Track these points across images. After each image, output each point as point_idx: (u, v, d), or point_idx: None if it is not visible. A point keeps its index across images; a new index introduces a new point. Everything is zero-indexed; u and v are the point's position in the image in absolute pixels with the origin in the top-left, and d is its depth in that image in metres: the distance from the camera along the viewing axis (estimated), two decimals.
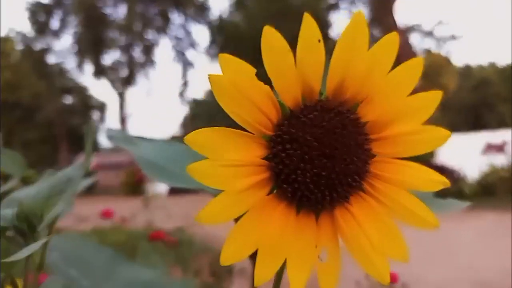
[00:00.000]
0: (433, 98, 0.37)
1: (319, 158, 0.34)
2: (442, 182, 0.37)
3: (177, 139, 0.49)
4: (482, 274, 4.80)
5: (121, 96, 25.23)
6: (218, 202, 0.33)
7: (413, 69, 0.36)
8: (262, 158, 0.35)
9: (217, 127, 0.33)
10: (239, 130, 0.34)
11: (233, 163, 0.33)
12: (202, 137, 0.33)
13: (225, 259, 0.33)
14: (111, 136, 0.57)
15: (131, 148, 0.54)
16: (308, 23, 0.34)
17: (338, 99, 0.36)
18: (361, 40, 0.35)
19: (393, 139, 0.37)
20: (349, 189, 0.36)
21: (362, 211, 0.37)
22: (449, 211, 0.51)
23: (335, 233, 0.37)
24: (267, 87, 0.34)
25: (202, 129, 0.33)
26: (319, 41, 0.34)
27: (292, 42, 0.34)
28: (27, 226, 0.55)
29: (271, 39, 0.33)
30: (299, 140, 0.34)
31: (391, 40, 0.35)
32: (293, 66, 0.34)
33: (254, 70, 0.33)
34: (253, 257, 0.47)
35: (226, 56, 0.33)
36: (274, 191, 0.36)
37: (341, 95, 0.36)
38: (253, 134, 0.35)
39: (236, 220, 0.34)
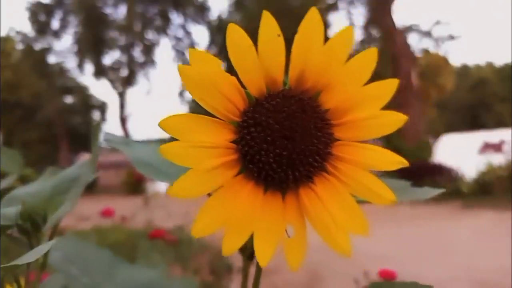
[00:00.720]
0: (389, 85, 0.40)
1: (280, 140, 0.38)
2: (399, 162, 0.40)
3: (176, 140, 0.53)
4: (480, 273, 4.79)
5: (121, 96, 25.19)
6: (188, 178, 0.36)
7: (367, 59, 0.39)
8: (232, 142, 0.39)
9: (188, 113, 0.37)
10: (209, 117, 0.38)
11: (202, 145, 0.37)
12: (174, 121, 0.36)
13: (196, 232, 0.36)
14: (108, 139, 0.59)
15: (126, 149, 0.56)
16: (267, 20, 0.37)
17: (300, 88, 0.40)
18: (317, 34, 0.38)
19: (354, 124, 0.41)
20: (311, 168, 0.39)
21: (325, 190, 0.40)
22: (424, 197, 0.54)
23: (301, 211, 0.40)
24: (233, 78, 0.38)
25: (175, 114, 0.36)
26: (279, 35, 0.38)
27: (292, 41, 0.39)
28: (30, 225, 0.56)
29: (235, 35, 0.37)
30: (262, 124, 0.38)
31: (346, 33, 0.39)
32: (256, 59, 0.38)
33: (221, 63, 0.37)
34: (243, 252, 0.50)
35: (195, 50, 0.37)
36: (243, 172, 0.39)
37: (303, 85, 0.40)
38: (223, 120, 0.39)
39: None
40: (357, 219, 0.39)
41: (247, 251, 0.51)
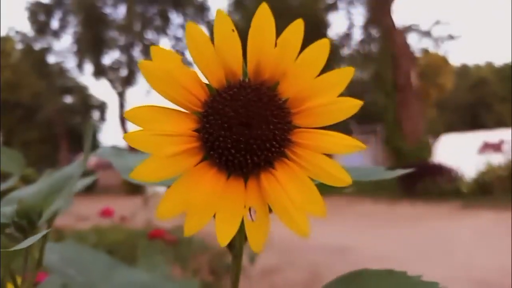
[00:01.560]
0: (344, 74, 0.42)
1: (237, 127, 0.40)
2: (356, 145, 0.41)
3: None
4: (480, 273, 4.81)
5: (121, 95, 25.19)
6: (149, 163, 0.39)
7: (320, 49, 0.41)
8: (195, 131, 0.41)
9: (153, 104, 0.40)
10: (172, 108, 0.41)
11: (164, 133, 0.40)
12: (138, 111, 0.39)
13: (160, 214, 0.39)
14: (100, 153, 0.62)
15: (115, 160, 0.59)
16: (221, 17, 0.40)
17: (258, 79, 0.43)
18: (268, 28, 0.41)
19: (311, 111, 0.43)
20: (269, 154, 0.41)
21: (285, 175, 0.42)
22: (387, 177, 0.57)
23: (262, 195, 0.42)
24: (193, 71, 0.41)
25: (140, 105, 0.39)
26: (233, 30, 0.40)
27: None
28: (26, 222, 0.57)
29: (194, 32, 0.41)
30: (219, 112, 0.41)
31: (296, 27, 0.41)
32: (213, 53, 0.41)
33: (180, 57, 0.40)
34: (230, 248, 0.52)
35: (156, 47, 0.40)
36: (207, 159, 0.42)
37: (260, 76, 0.42)
38: (185, 111, 0.41)
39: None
40: (315, 201, 0.41)
41: (235, 248, 0.52)
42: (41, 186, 0.67)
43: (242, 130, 0.40)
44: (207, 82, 0.42)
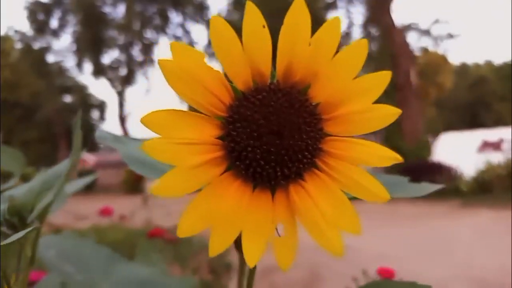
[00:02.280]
0: (381, 78, 0.38)
1: (267, 136, 0.36)
2: (393, 157, 0.38)
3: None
4: (479, 271, 4.79)
5: (121, 95, 25.19)
6: (172, 176, 0.35)
7: (358, 51, 0.38)
8: (217, 138, 0.37)
9: (171, 108, 0.35)
10: (193, 112, 0.36)
11: (185, 141, 0.35)
12: (156, 117, 0.35)
13: (182, 232, 0.35)
14: (100, 136, 0.57)
15: (119, 147, 0.55)
16: (252, 11, 0.36)
17: (288, 82, 0.38)
18: (303, 26, 0.37)
19: (344, 118, 0.39)
20: (300, 165, 0.38)
21: (316, 187, 0.38)
22: (423, 194, 0.52)
23: (291, 209, 0.38)
24: (217, 71, 0.36)
25: (157, 110, 0.35)
26: (264, 27, 0.36)
27: None
28: (18, 220, 0.56)
29: (219, 27, 0.36)
30: (248, 119, 0.36)
31: (334, 25, 0.37)
32: (241, 51, 0.36)
33: (203, 55, 0.35)
34: (239, 248, 0.51)
35: (176, 43, 0.35)
36: (231, 170, 0.38)
37: (291, 78, 0.38)
38: (207, 115, 0.37)
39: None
40: (348, 217, 0.38)
41: (241, 247, 0.50)
42: (33, 184, 0.65)
43: (273, 139, 0.36)
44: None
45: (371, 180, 0.38)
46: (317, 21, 0.36)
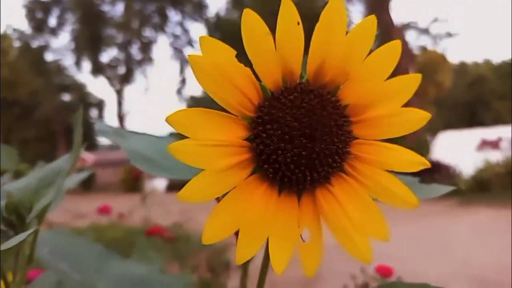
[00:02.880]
0: (411, 81, 0.38)
1: (299, 139, 0.35)
2: (421, 163, 0.37)
3: (175, 136, 0.46)
4: (478, 270, 4.80)
5: (119, 93, 25.19)
6: (199, 180, 0.33)
7: (391, 52, 0.37)
8: (244, 139, 0.36)
9: (198, 108, 0.34)
10: (220, 111, 0.35)
11: (214, 143, 0.34)
12: (183, 117, 0.33)
13: (207, 239, 0.34)
14: (100, 130, 0.56)
15: (120, 141, 0.53)
16: (287, 7, 0.34)
17: (318, 82, 0.37)
18: (339, 24, 0.36)
19: (373, 121, 0.38)
20: (330, 169, 0.37)
21: (343, 192, 0.37)
22: (435, 195, 0.52)
23: (317, 213, 0.37)
24: (247, 69, 0.35)
25: (183, 109, 0.33)
26: (298, 24, 0.35)
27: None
28: (16, 218, 0.55)
29: (252, 22, 0.34)
30: (279, 120, 0.35)
31: (369, 25, 0.36)
32: (273, 49, 0.35)
33: (234, 52, 0.34)
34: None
35: (207, 38, 0.34)
36: (257, 172, 0.36)
37: (321, 78, 0.37)
38: (235, 115, 0.35)
39: (218, 200, 0.35)
40: (377, 223, 0.37)
41: None
42: (29, 180, 0.63)
43: (304, 142, 0.35)
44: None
45: (400, 185, 0.37)
46: (316, 21, 0.36)
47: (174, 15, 25.15)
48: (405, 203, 0.37)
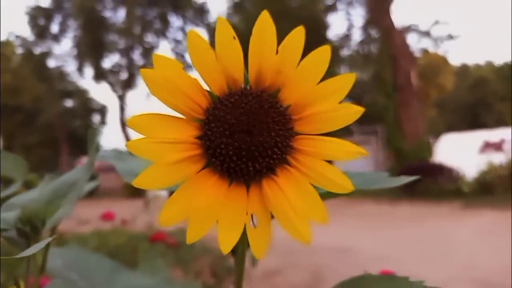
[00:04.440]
0: (345, 80, 0.42)
1: (239, 134, 0.40)
2: (358, 152, 0.42)
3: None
4: (481, 272, 4.81)
5: (122, 99, 25.21)
6: (152, 170, 0.39)
7: (321, 56, 0.41)
8: (196, 138, 0.41)
9: (154, 112, 0.40)
10: (174, 115, 0.41)
11: (166, 140, 0.40)
12: (140, 119, 0.40)
13: (162, 222, 0.40)
14: (102, 156, 0.61)
15: (117, 163, 0.60)
16: (222, 24, 0.40)
17: (260, 87, 0.43)
18: (269, 35, 0.41)
19: (312, 118, 0.43)
20: (271, 160, 0.41)
21: (287, 182, 0.42)
22: (397, 184, 0.56)
23: (264, 202, 0.42)
24: (195, 79, 0.41)
25: (142, 113, 0.40)
26: (234, 38, 0.40)
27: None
28: (30, 229, 0.57)
29: (194, 39, 0.40)
30: (221, 120, 0.41)
31: (298, 34, 0.41)
32: (214, 61, 0.41)
33: (182, 65, 0.40)
34: (233, 253, 0.52)
35: (158, 55, 0.40)
36: (208, 166, 0.42)
37: (262, 83, 0.43)
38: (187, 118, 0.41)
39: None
40: (317, 208, 0.41)
41: (237, 253, 0.53)
42: (43, 191, 0.66)
43: (244, 137, 0.40)
44: (208, 89, 0.42)
45: (337, 173, 0.42)
46: (317, 24, 0.38)
47: (175, 21, 25.24)
48: (341, 188, 0.41)
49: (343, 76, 0.42)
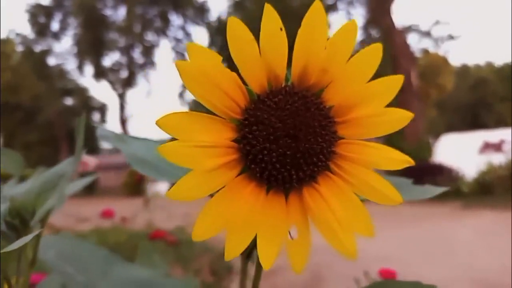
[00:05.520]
0: (393, 82, 0.39)
1: (283, 139, 0.36)
2: (405, 161, 0.39)
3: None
4: (481, 273, 4.80)
5: (121, 97, 25.22)
6: (188, 180, 0.35)
7: (372, 55, 0.38)
8: (232, 141, 0.37)
9: (187, 111, 0.36)
10: (208, 114, 0.37)
11: (202, 144, 0.35)
12: (172, 119, 0.35)
13: (197, 236, 0.35)
14: (102, 135, 0.57)
15: (121, 146, 0.55)
16: (270, 13, 0.36)
17: (303, 84, 0.39)
18: (320, 29, 0.37)
19: (357, 122, 0.39)
20: (315, 168, 0.38)
21: (329, 190, 0.38)
22: (427, 196, 0.52)
23: (304, 211, 0.38)
24: (234, 74, 0.36)
25: (173, 112, 0.35)
26: (281, 29, 0.36)
27: (292, 42, 0.37)
28: (19, 222, 0.55)
29: (236, 29, 0.36)
30: (264, 122, 0.37)
31: (350, 28, 0.38)
32: (257, 54, 0.37)
33: (220, 58, 0.35)
34: (244, 254, 0.49)
35: (193, 44, 0.35)
36: (245, 172, 0.38)
37: (306, 81, 0.39)
38: (223, 118, 0.37)
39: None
40: (362, 220, 0.38)
41: (245, 250, 0.50)
42: (32, 184, 0.64)
43: (289, 142, 0.36)
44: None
45: (384, 183, 0.38)
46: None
47: (176, 19, 25.23)
48: (390, 200, 0.38)
49: (392, 77, 0.39)
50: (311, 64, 0.38)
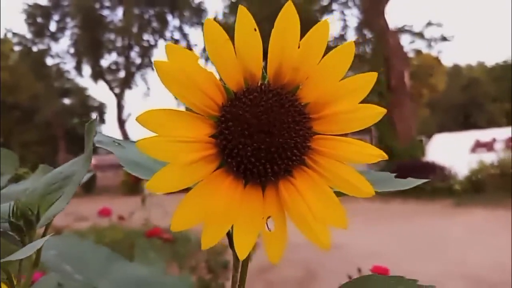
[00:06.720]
0: (367, 79, 0.40)
1: (258, 134, 0.37)
2: (378, 155, 0.40)
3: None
4: (473, 269, 4.86)
5: (119, 97, 25.15)
6: (166, 172, 0.36)
7: (344, 53, 0.39)
8: (210, 136, 0.38)
9: (167, 108, 0.37)
10: (187, 111, 0.38)
11: (180, 139, 0.36)
12: (151, 116, 0.36)
13: (175, 226, 0.36)
14: (99, 141, 0.57)
15: (115, 150, 0.55)
16: (243, 15, 0.37)
17: (278, 82, 0.40)
18: (292, 29, 0.38)
19: (332, 118, 0.40)
20: (290, 162, 0.39)
21: (304, 184, 0.39)
22: (407, 187, 0.53)
23: (281, 204, 0.40)
24: (211, 72, 0.38)
25: (152, 109, 0.36)
26: (255, 30, 0.37)
27: None
28: (23, 223, 0.55)
29: (212, 30, 0.37)
30: (239, 118, 0.38)
31: (322, 28, 0.39)
32: (233, 54, 0.38)
33: (198, 57, 0.37)
34: (233, 245, 0.47)
35: (172, 45, 0.36)
36: (223, 167, 0.39)
37: (281, 79, 0.40)
38: (202, 115, 0.38)
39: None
40: (335, 212, 0.39)
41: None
42: (36, 183, 0.63)
43: (263, 137, 0.38)
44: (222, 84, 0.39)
45: (357, 176, 0.39)
46: (312, 24, 0.38)
47: (173, 20, 25.16)
48: (362, 192, 0.39)
49: (365, 74, 0.40)
50: (284, 63, 0.39)
